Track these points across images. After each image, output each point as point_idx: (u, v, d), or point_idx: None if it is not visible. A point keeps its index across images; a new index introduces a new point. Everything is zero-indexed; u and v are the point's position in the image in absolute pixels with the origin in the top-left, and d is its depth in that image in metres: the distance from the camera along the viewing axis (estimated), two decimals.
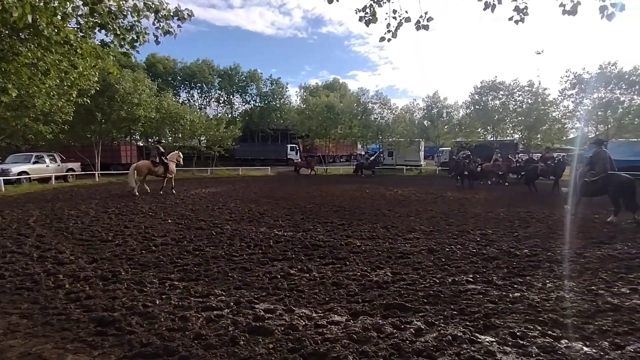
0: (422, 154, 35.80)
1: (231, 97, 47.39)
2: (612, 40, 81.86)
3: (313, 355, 3.00)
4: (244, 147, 39.68)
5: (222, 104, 47.78)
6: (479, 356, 2.95)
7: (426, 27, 4.44)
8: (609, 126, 23.86)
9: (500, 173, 20.17)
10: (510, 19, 4.26)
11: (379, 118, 32.95)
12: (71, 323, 3.60)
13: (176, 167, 15.41)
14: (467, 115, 30.62)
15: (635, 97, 23.51)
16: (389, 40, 4.58)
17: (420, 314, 3.78)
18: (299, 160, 30.93)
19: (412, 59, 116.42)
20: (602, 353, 3.01)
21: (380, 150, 35.34)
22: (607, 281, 4.73)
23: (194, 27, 79.04)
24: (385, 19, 4.48)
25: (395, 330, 3.42)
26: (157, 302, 4.08)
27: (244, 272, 5.17)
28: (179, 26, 5.20)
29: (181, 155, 15.61)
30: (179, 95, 44.00)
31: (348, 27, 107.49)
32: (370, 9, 4.46)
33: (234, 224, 8.68)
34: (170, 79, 43.71)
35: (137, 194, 13.83)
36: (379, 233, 7.68)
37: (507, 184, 19.63)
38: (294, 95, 53.82)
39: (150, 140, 33.29)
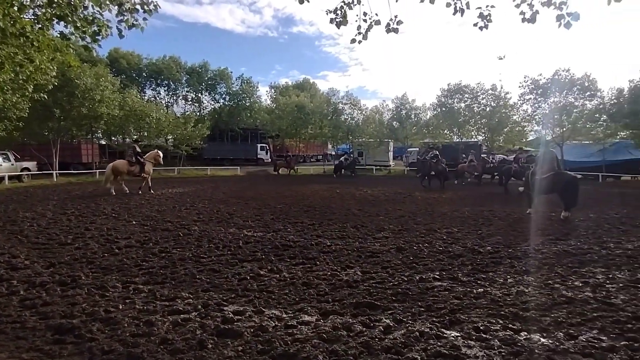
0: (391, 154, 36.47)
1: (200, 95, 46.34)
2: (567, 48, 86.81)
3: (283, 356, 2.99)
4: (212, 147, 38.89)
5: (190, 102, 46.66)
6: (444, 351, 3.04)
7: (396, 30, 4.53)
8: (564, 129, 25.24)
9: (475, 174, 20.88)
10: (475, 24, 4.43)
11: (349, 118, 33.29)
12: (27, 331, 3.40)
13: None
14: (434, 117, 31.50)
15: (586, 102, 25.03)
16: (359, 42, 4.64)
17: (389, 312, 3.85)
18: (278, 159, 30.56)
19: (382, 60, 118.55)
20: (557, 343, 3.18)
21: (351, 150, 35.67)
22: (563, 275, 5.01)
23: (161, 22, 76.67)
24: (356, 20, 4.53)
25: (364, 329, 3.46)
26: (120, 307, 3.93)
27: (212, 273, 5.08)
28: (144, 19, 5.01)
29: (160, 154, 15.25)
30: (145, 93, 42.59)
31: (319, 27, 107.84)
32: (341, 10, 4.50)
33: (202, 224, 8.50)
34: (134, 75, 42.16)
35: (124, 190, 13.87)
36: (349, 232, 7.75)
37: (464, 183, 20.31)
38: (264, 95, 53.28)
39: (113, 138, 32.02)
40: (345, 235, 7.52)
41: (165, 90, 45.37)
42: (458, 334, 3.36)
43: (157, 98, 43.98)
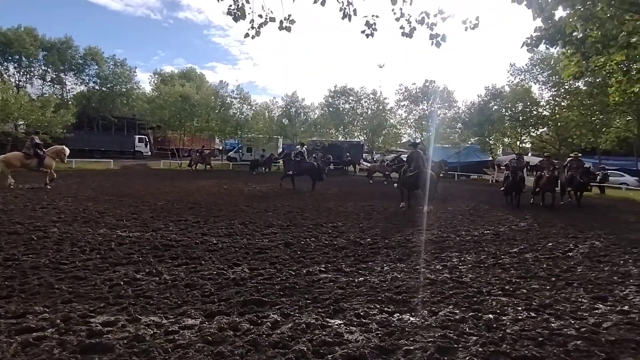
0: (280, 151, 36.89)
1: (62, 75, 39.85)
2: (438, 62, 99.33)
3: None
4: (79, 136, 33.77)
5: (50, 83, 39.83)
6: (329, 339, 3.19)
7: (288, 29, 4.60)
8: (430, 133, 29.06)
9: (386, 173, 22.38)
10: (363, 32, 4.80)
11: (238, 113, 32.58)
12: None
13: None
14: (321, 116, 32.95)
15: (446, 110, 29.37)
16: (252, 37, 4.61)
17: (277, 307, 3.87)
18: (195, 154, 28.17)
19: (273, 57, 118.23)
20: (423, 320, 3.63)
21: (240, 145, 35.04)
22: (427, 261, 5.75)
23: None
24: (249, 14, 4.46)
25: (252, 326, 3.42)
26: None
27: (75, 281, 4.41)
28: None
29: (66, 151, 13.85)
30: None
31: (208, 16, 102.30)
32: (236, 4, 4.37)
33: (63, 225, 7.32)
34: None
35: (11, 184, 12.48)
36: (237, 229, 7.58)
37: (371, 181, 21.74)
38: (146, 82, 48.50)
39: None
40: (233, 232, 7.33)
41: (15, 67, 37.76)
42: (341, 322, 3.57)
43: (5, 75, 36.37)
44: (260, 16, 4.48)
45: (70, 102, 35.82)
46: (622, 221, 10.32)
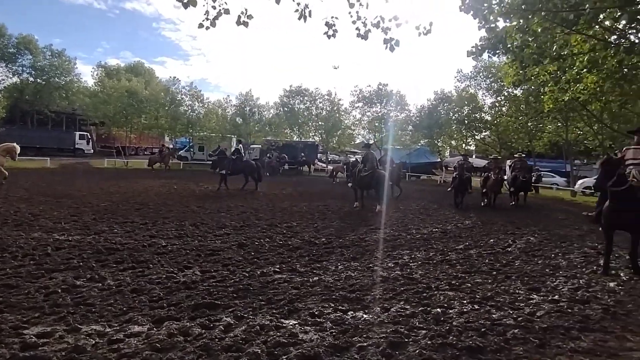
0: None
1: None
2: (392, 66, 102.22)
3: None
4: (11, 132, 30.67)
5: None
6: (283, 340, 3.17)
7: (246, 24, 4.55)
8: (384, 135, 29.94)
9: (348, 174, 22.40)
10: (325, 33, 4.87)
11: (190, 110, 31.49)
12: None
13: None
14: (276, 116, 32.74)
15: (398, 113, 30.44)
16: (207, 28, 4.54)
17: (230, 310, 3.79)
18: (155, 154, 26.44)
19: (226, 54, 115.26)
20: (376, 317, 3.73)
21: (191, 144, 33.91)
22: (380, 259, 5.91)
23: None
24: (204, 5, 4.37)
25: (203, 331, 3.32)
26: None
27: (6, 290, 4.02)
28: None
29: (17, 149, 12.99)
30: None
31: (157, 8, 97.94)
32: None
33: None
34: None
35: None
36: (188, 231, 7.32)
37: (334, 182, 21.78)
38: (88, 75, 45.17)
39: None
40: (184, 234, 7.06)
41: None
42: (296, 322, 3.56)
43: None
44: (214, 7, 4.40)
45: (0, 95, 32.62)
46: (553, 219, 11.26)
